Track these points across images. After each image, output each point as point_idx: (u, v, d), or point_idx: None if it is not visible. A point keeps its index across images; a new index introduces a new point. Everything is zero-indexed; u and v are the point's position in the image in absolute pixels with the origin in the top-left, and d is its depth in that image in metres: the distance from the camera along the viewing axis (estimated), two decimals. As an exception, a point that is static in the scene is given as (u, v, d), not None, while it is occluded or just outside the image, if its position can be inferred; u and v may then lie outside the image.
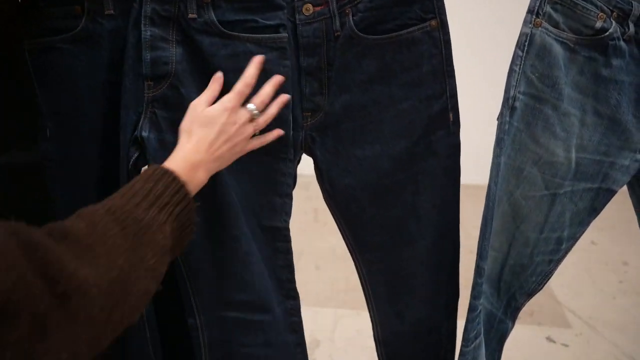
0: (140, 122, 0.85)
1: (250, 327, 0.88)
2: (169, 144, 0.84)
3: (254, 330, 0.88)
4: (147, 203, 0.61)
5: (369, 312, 1.05)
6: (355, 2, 0.87)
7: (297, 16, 0.88)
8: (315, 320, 2.03)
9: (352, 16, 0.87)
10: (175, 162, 0.72)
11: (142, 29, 0.83)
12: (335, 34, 0.89)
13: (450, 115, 0.93)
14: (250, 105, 0.81)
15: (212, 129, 0.76)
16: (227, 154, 0.78)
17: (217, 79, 0.82)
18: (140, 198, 0.61)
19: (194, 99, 0.80)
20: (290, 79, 0.88)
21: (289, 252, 0.94)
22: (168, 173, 0.67)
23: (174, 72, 0.84)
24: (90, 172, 0.88)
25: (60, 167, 0.88)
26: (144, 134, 0.85)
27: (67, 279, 0.47)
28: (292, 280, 0.94)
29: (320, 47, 0.89)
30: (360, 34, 0.87)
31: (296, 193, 0.96)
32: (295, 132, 0.92)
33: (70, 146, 0.87)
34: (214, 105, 0.78)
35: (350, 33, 0.88)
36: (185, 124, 0.78)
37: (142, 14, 0.83)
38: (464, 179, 0.99)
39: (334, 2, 0.88)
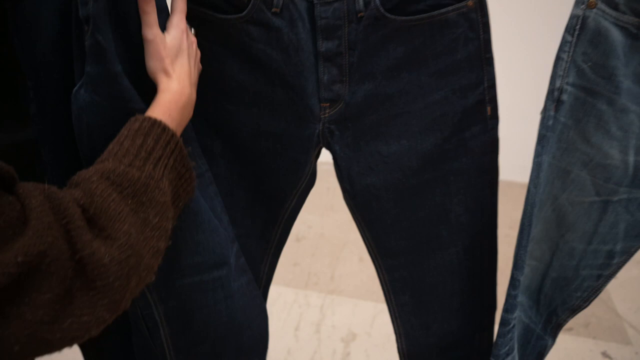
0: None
1: (208, 287, 0.80)
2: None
3: (212, 288, 0.80)
4: (140, 161, 0.58)
5: (392, 321, 0.96)
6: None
7: (316, -6, 0.79)
8: (354, 313, 1.96)
9: None
10: (164, 107, 0.65)
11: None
12: (358, 15, 0.79)
13: (488, 108, 0.81)
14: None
15: (184, 59, 0.69)
16: (196, 77, 0.72)
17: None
18: (132, 157, 0.58)
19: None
20: (305, 65, 0.79)
21: (218, 194, 0.83)
22: (157, 124, 0.62)
23: (91, 16, 0.64)
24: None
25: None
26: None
27: (83, 248, 0.48)
28: (230, 223, 0.84)
29: (340, 29, 0.80)
30: (387, 14, 0.77)
31: (337, 184, 0.88)
32: (312, 124, 0.83)
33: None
34: (170, 32, 0.69)
35: (375, 13, 0.77)
36: (156, 64, 0.67)
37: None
38: (501, 174, 0.87)
39: (357, -21, 0.78)
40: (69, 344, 0.48)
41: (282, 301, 2.01)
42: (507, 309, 0.79)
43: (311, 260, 2.25)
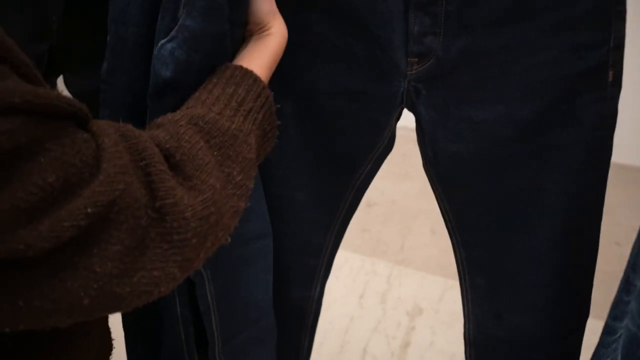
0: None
1: (251, 259, 0.74)
2: None
3: (254, 261, 0.75)
4: (230, 110, 0.54)
5: (462, 302, 0.86)
6: None
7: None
8: (422, 286, 1.87)
9: None
10: (260, 59, 0.61)
11: None
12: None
13: (610, 73, 0.68)
14: None
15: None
16: None
17: None
18: (222, 105, 0.54)
19: None
20: (394, 13, 0.69)
21: None
22: (248, 74, 0.58)
23: None
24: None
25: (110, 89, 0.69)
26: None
27: (165, 195, 0.44)
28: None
29: (439, -30, 0.68)
30: None
31: (414, 151, 0.78)
32: (396, 81, 0.73)
33: (119, 68, 0.68)
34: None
35: None
36: (266, 5, 0.64)
37: None
38: (615, 156, 0.74)
39: None
40: (139, 300, 0.44)
41: (348, 267, 1.95)
42: (615, 316, 0.67)
43: (381, 228, 2.16)
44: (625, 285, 0.64)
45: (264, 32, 0.64)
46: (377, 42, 0.72)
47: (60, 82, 0.90)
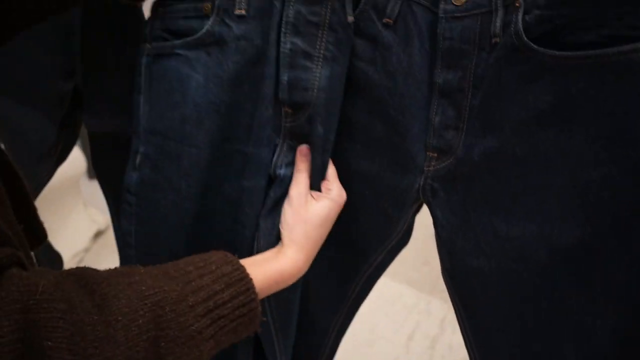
0: (275, 158, 0.64)
1: None
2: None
3: None
4: (204, 309, 0.48)
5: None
6: (533, -9, 0.51)
7: (442, 5, 0.56)
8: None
9: (525, 14, 0.51)
10: (272, 272, 0.57)
11: (282, 39, 0.60)
12: (492, 41, 0.54)
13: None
14: None
15: (324, 230, 0.62)
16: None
17: (304, 154, 0.63)
18: (200, 298, 0.48)
19: (325, 140, 0.62)
20: (415, 98, 0.57)
21: None
22: (245, 281, 0.52)
23: (314, 102, 0.61)
24: (184, 217, 0.67)
25: (149, 207, 0.68)
26: (280, 171, 0.64)
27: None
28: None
29: (467, 57, 0.56)
30: (532, 45, 0.52)
31: None
32: (412, 175, 0.61)
33: (160, 180, 0.67)
34: (324, 202, 0.62)
35: (515, 41, 0.52)
36: (297, 232, 0.61)
37: (283, 18, 0.59)
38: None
39: (501, -11, 0.53)
40: None
41: (401, 303, 1.82)
42: None
43: (444, 263, 2.00)
44: None
45: (282, 247, 0.61)
46: (395, 127, 0.61)
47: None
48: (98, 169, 0.89)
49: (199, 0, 0.63)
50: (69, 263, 1.60)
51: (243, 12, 0.60)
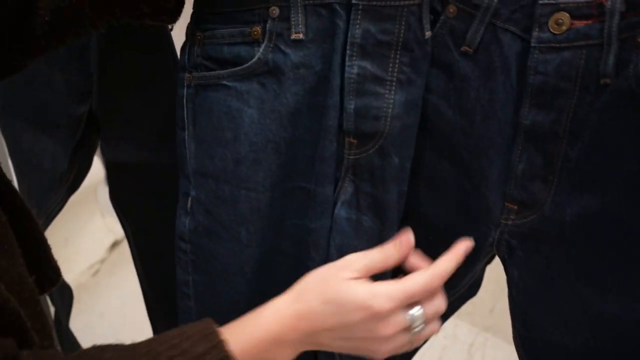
0: (336, 193, 0.54)
1: None
2: (367, 230, 0.54)
3: None
4: None
5: None
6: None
7: (535, 32, 0.46)
8: None
9: None
10: (254, 334, 0.45)
11: (347, 62, 0.50)
12: (602, 82, 0.44)
13: None
14: (416, 311, 0.47)
15: (339, 317, 0.46)
16: (336, 348, 0.49)
17: (406, 242, 0.51)
18: None
19: (402, 170, 0.53)
20: (495, 140, 0.48)
21: None
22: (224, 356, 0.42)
23: (387, 132, 0.51)
24: (245, 265, 0.59)
25: (206, 256, 0.60)
26: (337, 212, 0.54)
27: None
28: None
29: (564, 96, 0.46)
30: None
31: None
32: (485, 227, 0.52)
33: (216, 227, 0.59)
34: (365, 287, 0.47)
35: (634, 87, 0.42)
36: (304, 282, 0.49)
37: (349, 39, 0.50)
38: None
39: (616, 17, 0.43)
40: None
41: (426, 326, 1.72)
42: None
43: (472, 283, 1.90)
44: None
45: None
46: (467, 172, 0.52)
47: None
48: (116, 201, 0.80)
49: (246, 23, 0.53)
50: (84, 274, 1.52)
51: (301, 35, 0.51)
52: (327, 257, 0.54)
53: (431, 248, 0.57)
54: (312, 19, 0.51)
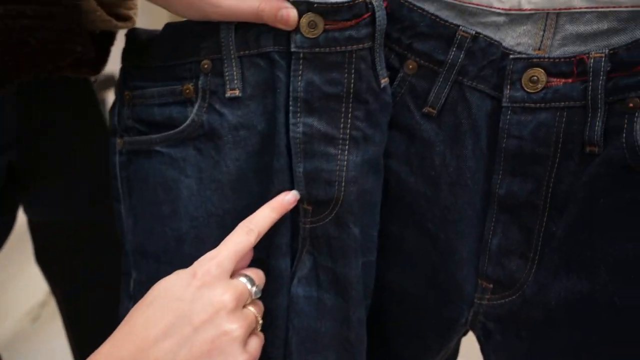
0: (294, 267, 0.46)
1: None
2: (330, 310, 0.46)
3: None
4: None
5: None
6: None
7: (507, 91, 0.39)
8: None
9: None
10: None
11: (291, 119, 0.42)
12: (587, 149, 0.38)
13: None
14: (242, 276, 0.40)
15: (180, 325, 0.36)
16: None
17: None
18: None
19: (364, 242, 0.45)
20: (465, 212, 0.41)
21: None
22: None
23: (342, 198, 0.43)
24: None
25: None
26: (293, 289, 0.46)
27: None
28: None
29: (543, 164, 0.39)
30: None
31: None
32: (457, 305, 0.45)
33: None
34: (221, 286, 0.38)
35: (627, 157, 0.36)
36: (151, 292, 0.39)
37: (291, 93, 0.41)
38: None
39: (601, 77, 0.36)
40: None
41: None
42: None
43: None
44: None
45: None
46: (434, 245, 0.44)
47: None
48: (42, 263, 0.70)
49: (177, 80, 0.45)
50: (22, 321, 1.39)
51: (237, 92, 0.43)
52: (287, 341, 0.46)
53: (395, 318, 0.50)
54: (250, 72, 0.42)
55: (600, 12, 0.38)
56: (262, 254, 0.46)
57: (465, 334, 0.52)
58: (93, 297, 0.70)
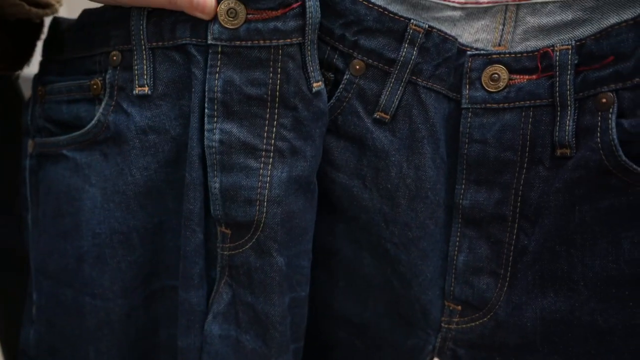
0: (210, 301, 0.39)
1: None
2: (249, 353, 0.38)
3: None
4: None
5: None
6: (634, 79, 0.31)
7: (466, 91, 0.35)
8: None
9: (621, 116, 0.31)
10: None
11: (206, 124, 0.35)
12: (558, 152, 0.34)
13: None
14: None
15: None
16: None
17: None
18: None
19: (291, 275, 0.39)
20: (427, 227, 0.36)
21: None
22: None
23: (263, 221, 0.36)
24: None
25: None
26: (207, 327, 0.38)
27: None
28: None
29: (510, 171, 0.35)
30: (634, 167, 0.32)
31: None
32: (422, 333, 0.40)
33: (60, 344, 0.43)
34: None
35: (604, 159, 0.32)
36: None
37: (207, 94, 0.35)
38: None
39: (569, 71, 0.32)
40: None
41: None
42: None
43: None
44: None
45: None
46: (394, 267, 0.39)
47: None
48: None
49: (85, 74, 0.39)
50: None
51: (146, 89, 0.36)
52: None
53: (354, 353, 0.45)
54: (162, 67, 0.36)
55: (563, 1, 0.34)
56: (169, 282, 0.40)
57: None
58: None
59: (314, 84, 0.35)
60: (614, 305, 0.34)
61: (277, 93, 0.35)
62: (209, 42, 0.34)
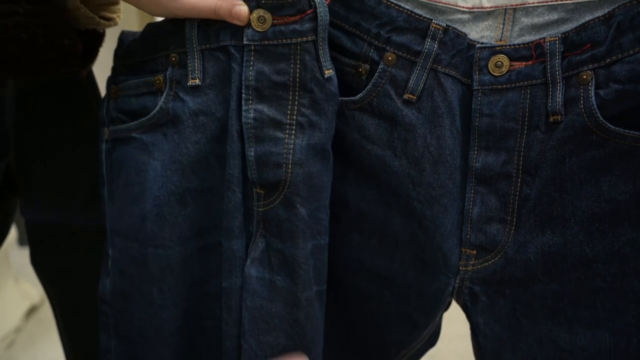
0: (249, 249, 0.46)
1: None
2: (281, 292, 0.46)
3: None
4: None
5: None
6: (610, 59, 0.39)
7: (476, 76, 0.42)
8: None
9: (598, 88, 0.39)
10: None
11: (244, 106, 0.44)
12: (550, 119, 0.41)
13: None
14: None
15: None
16: None
17: None
18: None
19: (314, 225, 0.46)
20: (446, 186, 0.43)
21: None
22: None
23: (289, 180, 0.44)
24: (164, 328, 0.50)
25: (125, 320, 0.51)
26: (247, 270, 0.46)
27: None
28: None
29: (512, 136, 0.43)
30: (610, 125, 0.39)
31: None
32: (443, 277, 0.47)
33: (129, 288, 0.50)
34: None
35: (586, 121, 0.40)
36: None
37: (243, 82, 0.43)
38: None
39: (557, 56, 0.40)
40: None
41: None
42: None
43: None
44: None
45: None
46: (420, 222, 0.46)
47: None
48: (37, 265, 0.68)
49: (150, 72, 0.48)
50: (-3, 348, 1.31)
51: (197, 81, 0.45)
52: (240, 320, 0.46)
53: (381, 302, 0.51)
54: (210, 64, 0.45)
55: (550, 5, 0.42)
56: (218, 238, 0.47)
57: (447, 307, 0.53)
58: (88, 299, 0.68)
59: (326, 72, 0.43)
60: (597, 237, 0.41)
61: (297, 79, 0.43)
62: (245, 42, 0.43)
